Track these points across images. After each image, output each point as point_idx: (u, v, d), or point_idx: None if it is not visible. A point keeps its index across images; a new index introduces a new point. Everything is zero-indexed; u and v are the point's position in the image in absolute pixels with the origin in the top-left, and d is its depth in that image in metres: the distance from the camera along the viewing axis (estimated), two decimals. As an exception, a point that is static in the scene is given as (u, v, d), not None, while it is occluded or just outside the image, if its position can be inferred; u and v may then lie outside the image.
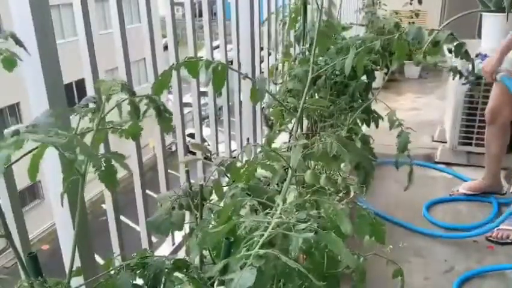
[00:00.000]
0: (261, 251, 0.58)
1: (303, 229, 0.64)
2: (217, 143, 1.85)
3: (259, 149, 1.09)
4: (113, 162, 0.74)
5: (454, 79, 1.09)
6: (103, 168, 0.71)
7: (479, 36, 3.27)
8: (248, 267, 0.55)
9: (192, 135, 1.98)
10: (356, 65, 1.07)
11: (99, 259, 1.18)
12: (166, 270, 0.84)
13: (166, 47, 1.51)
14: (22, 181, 0.87)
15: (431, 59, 1.28)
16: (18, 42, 0.75)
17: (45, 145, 0.57)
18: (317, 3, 1.22)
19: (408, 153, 1.46)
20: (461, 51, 1.01)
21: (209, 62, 0.96)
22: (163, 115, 0.78)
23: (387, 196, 2.88)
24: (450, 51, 1.06)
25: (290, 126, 1.73)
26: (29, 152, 0.62)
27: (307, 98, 1.35)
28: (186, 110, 1.77)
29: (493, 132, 2.75)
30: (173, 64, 0.97)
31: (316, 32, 1.12)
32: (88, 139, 0.75)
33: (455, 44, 1.01)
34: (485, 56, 2.49)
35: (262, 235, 0.62)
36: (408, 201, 2.84)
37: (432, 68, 4.97)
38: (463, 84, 2.95)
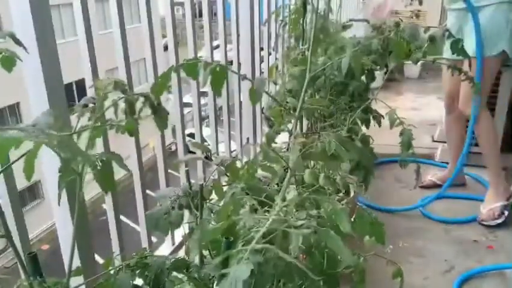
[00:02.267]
0: (257, 246, 0.58)
1: (301, 225, 0.64)
2: (217, 143, 1.85)
3: (258, 149, 1.08)
4: (110, 162, 0.74)
5: (453, 75, 1.09)
6: (98, 167, 0.71)
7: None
8: (244, 261, 0.56)
9: (192, 135, 1.98)
10: (354, 64, 1.07)
11: (99, 259, 1.18)
12: (167, 269, 0.84)
13: (166, 47, 1.51)
14: (22, 181, 0.87)
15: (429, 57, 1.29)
16: (17, 42, 0.75)
17: (39, 144, 0.57)
18: (313, 4, 1.23)
19: (413, 151, 1.47)
20: (457, 48, 1.01)
21: (207, 63, 0.96)
22: (158, 113, 0.78)
23: (387, 195, 2.88)
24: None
25: (290, 126, 1.73)
26: (29, 151, 0.62)
27: (307, 98, 1.35)
28: (186, 110, 1.77)
29: (451, 121, 2.76)
30: (172, 66, 0.97)
31: (313, 33, 1.12)
32: (85, 137, 0.75)
33: (451, 40, 1.01)
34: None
35: (259, 231, 0.62)
36: (408, 200, 2.84)
37: (432, 67, 4.97)
38: (462, 81, 2.95)
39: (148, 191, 1.37)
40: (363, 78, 1.93)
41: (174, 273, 0.87)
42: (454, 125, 2.80)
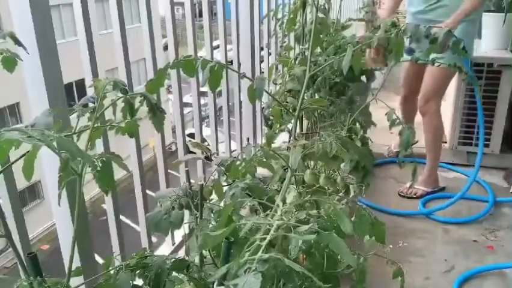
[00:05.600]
0: (265, 255, 0.57)
1: (305, 230, 0.63)
2: (217, 143, 1.85)
3: (258, 149, 1.08)
4: (110, 162, 0.74)
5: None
6: (98, 168, 0.71)
7: (479, 36, 3.27)
8: (252, 272, 0.55)
9: (192, 135, 1.98)
10: (354, 64, 1.07)
11: (99, 259, 1.18)
12: (167, 269, 0.84)
13: (166, 47, 1.51)
14: (22, 181, 0.87)
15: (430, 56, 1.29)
16: (17, 42, 0.75)
17: (39, 146, 0.57)
18: (313, 2, 1.23)
19: (411, 152, 1.46)
20: (458, 48, 1.02)
21: (206, 61, 0.95)
22: (156, 113, 0.78)
23: (387, 196, 2.88)
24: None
25: (290, 126, 1.73)
26: (28, 151, 0.62)
27: (307, 98, 1.35)
28: (186, 110, 1.77)
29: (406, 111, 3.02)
30: (169, 63, 0.97)
31: (312, 30, 1.12)
32: (85, 137, 0.75)
33: (452, 40, 1.01)
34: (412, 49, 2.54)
35: (264, 238, 0.61)
36: (408, 200, 2.85)
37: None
38: (463, 80, 2.96)
39: (148, 191, 1.37)
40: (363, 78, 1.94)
41: (174, 273, 0.87)
42: (408, 116, 3.04)
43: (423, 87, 2.79)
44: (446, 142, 3.36)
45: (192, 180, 1.05)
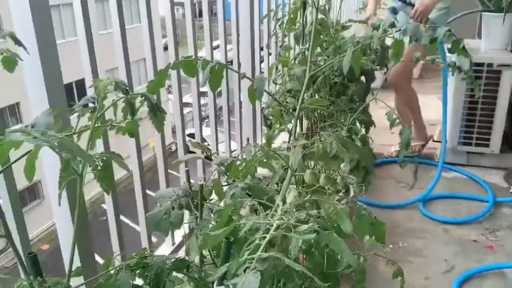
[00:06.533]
0: (265, 254, 0.57)
1: (305, 230, 0.63)
2: (217, 143, 1.85)
3: (258, 149, 1.08)
4: (110, 162, 0.74)
5: (453, 75, 1.10)
6: (99, 168, 0.72)
7: (479, 36, 3.27)
8: (252, 271, 0.55)
9: (192, 135, 1.98)
10: (354, 64, 1.07)
11: (99, 259, 1.18)
12: (167, 269, 0.84)
13: (166, 47, 1.51)
14: (22, 181, 0.87)
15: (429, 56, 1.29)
16: (17, 42, 0.75)
17: (40, 146, 0.57)
18: (313, 2, 1.23)
19: (411, 151, 1.47)
20: (458, 48, 1.02)
21: (206, 61, 0.95)
22: (157, 113, 0.78)
23: (387, 195, 2.88)
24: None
25: (290, 126, 1.73)
26: (29, 152, 0.63)
27: (307, 98, 1.35)
28: (186, 110, 1.77)
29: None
30: (169, 64, 0.97)
31: (312, 31, 1.13)
32: (86, 137, 0.75)
33: (452, 40, 1.01)
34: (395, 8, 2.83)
35: (264, 237, 0.61)
36: (408, 199, 2.84)
37: (432, 67, 4.96)
38: (462, 79, 2.97)
39: (148, 191, 1.37)
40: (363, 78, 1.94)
41: (174, 273, 0.87)
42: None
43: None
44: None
45: (192, 180, 1.05)
